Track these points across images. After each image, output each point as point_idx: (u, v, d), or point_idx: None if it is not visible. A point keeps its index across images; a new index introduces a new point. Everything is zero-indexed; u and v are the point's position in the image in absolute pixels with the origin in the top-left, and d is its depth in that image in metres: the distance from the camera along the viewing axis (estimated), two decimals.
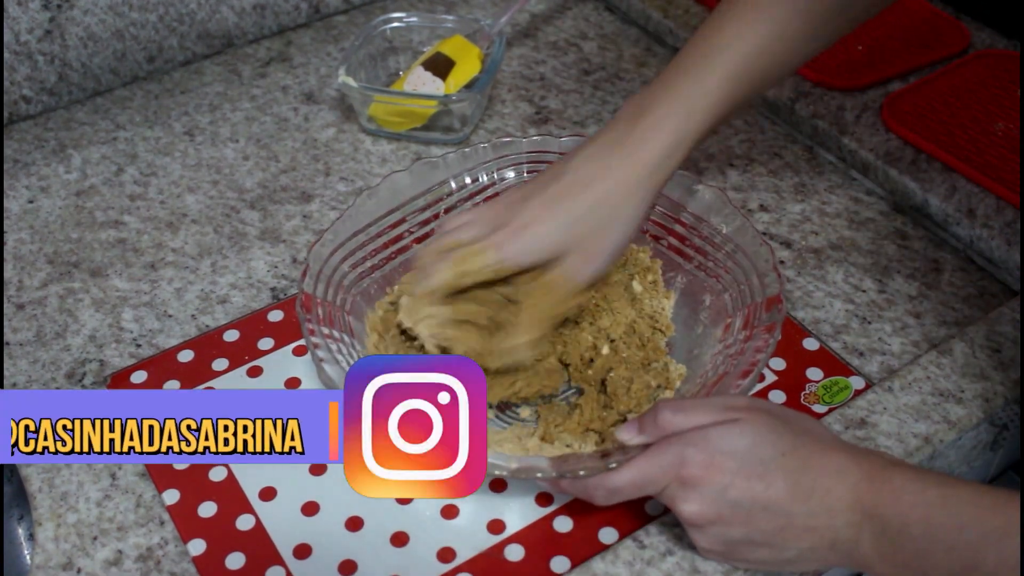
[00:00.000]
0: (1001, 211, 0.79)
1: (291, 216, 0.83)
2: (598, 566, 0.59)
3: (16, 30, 0.88)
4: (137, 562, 0.60)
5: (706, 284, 0.71)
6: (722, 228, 0.71)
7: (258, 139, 0.91)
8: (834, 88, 0.91)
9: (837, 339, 0.72)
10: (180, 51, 0.99)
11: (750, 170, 0.87)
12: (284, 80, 0.97)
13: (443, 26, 0.94)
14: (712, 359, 0.66)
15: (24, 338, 0.73)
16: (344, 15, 1.06)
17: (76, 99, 0.95)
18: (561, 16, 1.06)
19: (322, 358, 0.61)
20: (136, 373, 0.71)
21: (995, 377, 0.69)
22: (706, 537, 0.56)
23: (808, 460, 0.54)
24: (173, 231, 0.82)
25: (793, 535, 0.54)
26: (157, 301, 0.76)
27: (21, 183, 0.87)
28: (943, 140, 0.85)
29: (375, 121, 0.90)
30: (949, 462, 0.69)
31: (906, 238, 0.81)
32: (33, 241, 0.81)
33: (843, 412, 0.67)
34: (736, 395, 0.59)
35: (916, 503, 0.51)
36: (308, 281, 0.66)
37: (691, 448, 0.55)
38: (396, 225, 0.73)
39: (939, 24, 0.98)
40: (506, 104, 0.94)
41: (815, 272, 0.77)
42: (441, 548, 0.61)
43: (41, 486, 0.64)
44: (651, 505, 0.62)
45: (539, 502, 0.63)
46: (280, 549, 0.61)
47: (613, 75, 0.98)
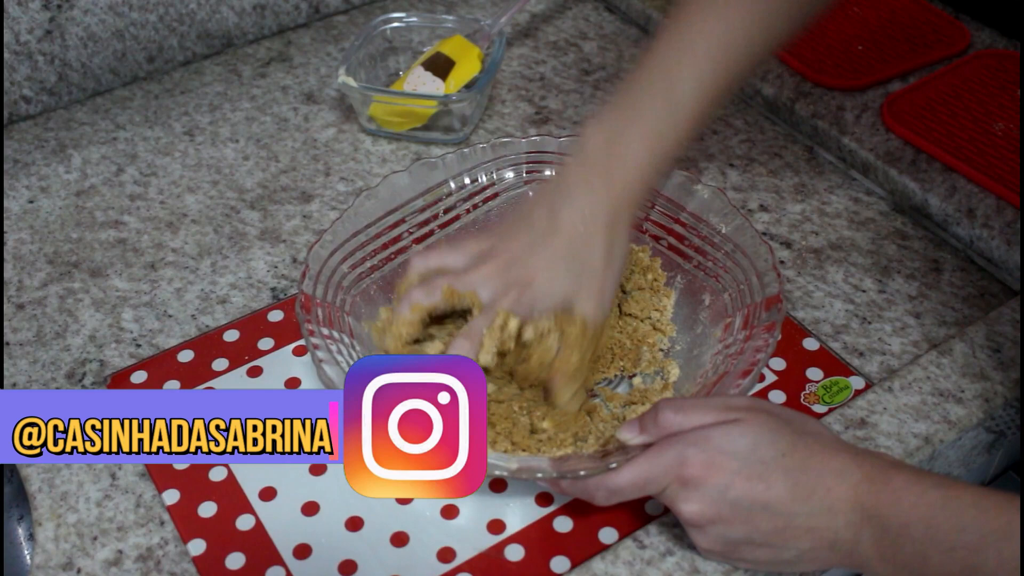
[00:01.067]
0: (1001, 211, 0.79)
1: (291, 216, 0.83)
2: (598, 566, 0.59)
3: (16, 30, 0.88)
4: (137, 562, 0.60)
5: (706, 284, 0.71)
6: (721, 228, 0.71)
7: (258, 139, 0.91)
8: (834, 88, 0.91)
9: (837, 339, 0.72)
10: (180, 51, 0.99)
11: (750, 170, 0.87)
12: (284, 80, 0.97)
13: (443, 26, 0.94)
14: (712, 359, 0.66)
15: (24, 338, 0.73)
16: (344, 15, 1.06)
17: (76, 99, 0.95)
18: (561, 16, 1.06)
19: (322, 359, 0.61)
20: (136, 373, 0.71)
21: (995, 377, 0.69)
22: (706, 537, 0.56)
23: (808, 460, 0.54)
24: (173, 231, 0.82)
25: (793, 535, 0.54)
26: (157, 301, 0.76)
27: (21, 183, 0.87)
28: (943, 140, 0.85)
29: (375, 121, 0.90)
30: (949, 462, 0.69)
31: (906, 238, 0.81)
32: (33, 241, 0.81)
33: (843, 412, 0.67)
34: (736, 395, 0.59)
35: (916, 504, 0.51)
36: (307, 282, 0.66)
37: (691, 448, 0.55)
38: (395, 226, 0.73)
39: (939, 24, 0.98)
40: (506, 104, 0.94)
41: (815, 272, 0.77)
42: (441, 548, 0.61)
43: (41, 486, 0.64)
44: (651, 505, 0.62)
45: (539, 502, 0.63)
46: (280, 549, 0.61)
47: (613, 75, 0.98)
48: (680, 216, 0.73)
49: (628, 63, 0.99)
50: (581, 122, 0.68)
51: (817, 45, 0.95)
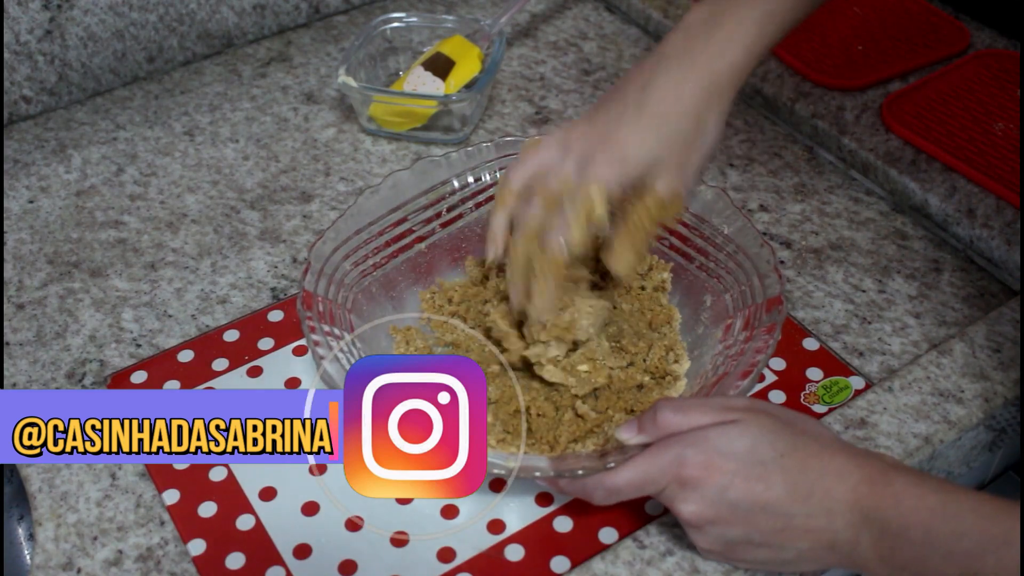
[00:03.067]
0: (1001, 211, 0.79)
1: (291, 216, 0.83)
2: (598, 566, 0.59)
3: (16, 30, 0.88)
4: (137, 562, 0.60)
5: (707, 285, 0.71)
6: (723, 229, 0.71)
7: (258, 139, 0.91)
8: (834, 88, 0.91)
9: (837, 339, 0.72)
10: (180, 51, 0.99)
11: (750, 170, 0.87)
12: (284, 80, 0.97)
13: (443, 26, 0.94)
14: (712, 360, 0.66)
15: (24, 338, 0.73)
16: (344, 15, 1.06)
17: (76, 99, 0.95)
18: (561, 16, 1.06)
19: (322, 355, 0.61)
20: (136, 373, 0.71)
21: (995, 377, 0.69)
22: (705, 537, 0.56)
23: (807, 461, 0.54)
24: (173, 231, 0.82)
25: (792, 536, 0.54)
26: (157, 301, 0.76)
27: (21, 183, 0.87)
28: (943, 140, 0.85)
29: (375, 121, 0.90)
30: (949, 462, 0.69)
31: (906, 238, 0.81)
32: (33, 241, 0.81)
33: (843, 412, 0.67)
34: (736, 396, 0.59)
35: (916, 508, 0.51)
36: (309, 278, 0.66)
37: (690, 449, 0.54)
38: (398, 224, 0.73)
39: (939, 24, 0.98)
40: (506, 104, 0.94)
41: (815, 272, 0.77)
42: (441, 548, 0.61)
43: (41, 486, 0.64)
44: (651, 505, 0.62)
45: (539, 502, 0.63)
46: (280, 549, 0.61)
47: (613, 75, 0.98)
48: (682, 217, 0.73)
49: (628, 63, 0.99)
50: None
51: (817, 45, 0.95)
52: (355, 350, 0.65)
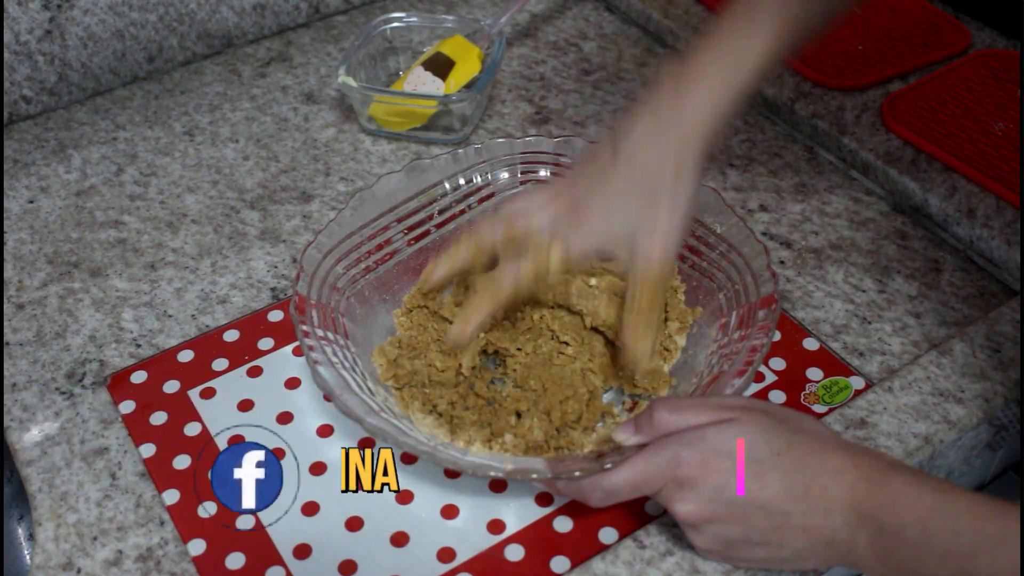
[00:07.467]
0: (1001, 211, 0.79)
1: (291, 216, 0.83)
2: (598, 566, 0.59)
3: (16, 30, 0.89)
4: (137, 562, 0.60)
5: (701, 284, 0.71)
6: (716, 227, 0.71)
7: (258, 139, 0.91)
8: (834, 88, 0.91)
9: (837, 339, 0.72)
10: (180, 51, 0.99)
11: (750, 170, 0.87)
12: (284, 80, 0.97)
13: (443, 26, 0.94)
14: (707, 359, 0.66)
15: (24, 338, 0.74)
16: (344, 15, 1.06)
17: (76, 99, 0.95)
18: (561, 16, 1.06)
19: (317, 360, 0.61)
20: (136, 373, 0.71)
21: (995, 377, 0.69)
22: (703, 537, 0.56)
23: (804, 459, 0.54)
24: (173, 231, 0.82)
25: (790, 534, 0.54)
26: (157, 301, 0.76)
27: (21, 183, 0.87)
28: (943, 140, 0.85)
29: (375, 121, 0.90)
30: (949, 462, 0.69)
31: (906, 238, 0.81)
32: (33, 241, 0.81)
33: (843, 412, 0.67)
34: (732, 395, 0.59)
35: (913, 507, 0.51)
36: (302, 284, 0.66)
37: (687, 448, 0.54)
38: (389, 227, 0.73)
39: (939, 24, 0.98)
40: (506, 104, 0.94)
41: (815, 272, 0.77)
42: (441, 548, 0.61)
43: (41, 486, 0.64)
44: (651, 505, 0.62)
45: (539, 502, 0.63)
46: (280, 549, 0.61)
47: (613, 75, 0.98)
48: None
49: (628, 63, 0.99)
50: None
51: (817, 45, 0.95)
52: (349, 354, 0.65)
